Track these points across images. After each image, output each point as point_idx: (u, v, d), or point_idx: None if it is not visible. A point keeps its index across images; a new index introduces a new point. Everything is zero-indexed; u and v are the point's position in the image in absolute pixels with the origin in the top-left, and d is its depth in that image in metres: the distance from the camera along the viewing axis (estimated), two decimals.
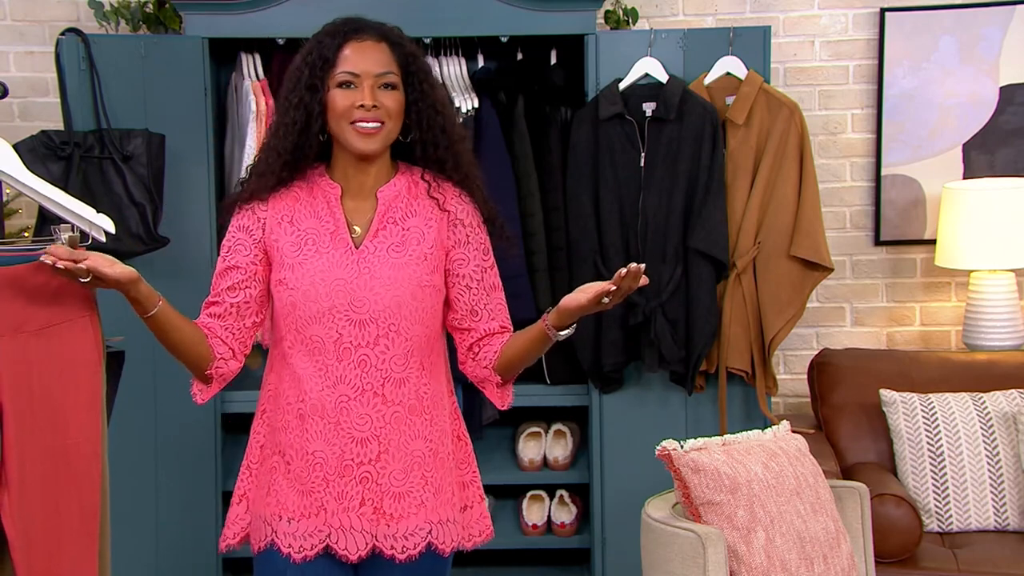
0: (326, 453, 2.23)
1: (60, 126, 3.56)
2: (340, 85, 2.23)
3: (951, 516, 3.51)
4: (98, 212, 2.41)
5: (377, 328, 2.23)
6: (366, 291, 2.22)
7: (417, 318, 2.26)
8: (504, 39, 3.74)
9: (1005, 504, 3.50)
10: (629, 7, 4.06)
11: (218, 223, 2.36)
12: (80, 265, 2.05)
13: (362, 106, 2.20)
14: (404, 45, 2.28)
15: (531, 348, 2.30)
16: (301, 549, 2.23)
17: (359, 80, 2.22)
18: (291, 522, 2.24)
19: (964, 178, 4.16)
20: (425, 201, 2.31)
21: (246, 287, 2.29)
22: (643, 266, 2.13)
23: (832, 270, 3.69)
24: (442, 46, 3.86)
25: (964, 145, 4.18)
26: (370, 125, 2.22)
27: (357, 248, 2.26)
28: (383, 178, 2.31)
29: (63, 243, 2.12)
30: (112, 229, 2.38)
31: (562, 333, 2.23)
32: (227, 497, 3.38)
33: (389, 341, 2.23)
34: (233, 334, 2.30)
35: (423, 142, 2.30)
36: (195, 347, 2.26)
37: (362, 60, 2.23)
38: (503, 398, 2.40)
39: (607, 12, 4.03)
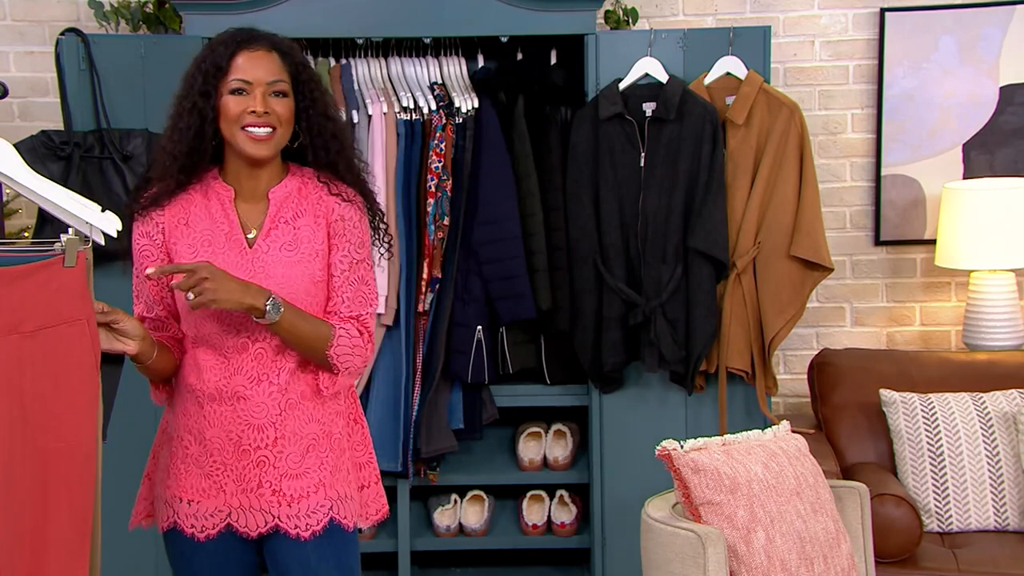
0: (223, 439, 2.35)
1: (60, 126, 3.57)
2: (232, 92, 2.33)
3: (951, 516, 3.50)
4: (102, 210, 2.39)
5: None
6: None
7: (311, 312, 2.37)
8: (504, 39, 3.74)
9: (1005, 504, 3.50)
10: (629, 7, 4.06)
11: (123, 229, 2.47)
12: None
13: (253, 112, 2.32)
14: (294, 55, 2.40)
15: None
16: (203, 528, 2.37)
17: (251, 87, 2.33)
18: (191, 503, 2.38)
19: (964, 178, 4.16)
20: (314, 201, 2.41)
21: (163, 296, 2.42)
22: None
23: (832, 270, 3.69)
24: (442, 46, 3.86)
25: (964, 145, 4.18)
26: (261, 131, 2.33)
27: (251, 248, 2.37)
28: (275, 180, 2.42)
29: (63, 246, 2.11)
30: (117, 228, 2.35)
31: (260, 321, 2.30)
32: None
33: None
34: (178, 339, 2.46)
35: (314, 147, 2.41)
36: (171, 368, 2.43)
37: (253, 68, 2.34)
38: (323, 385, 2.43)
39: (607, 12, 4.04)
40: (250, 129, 2.32)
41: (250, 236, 2.38)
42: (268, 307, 2.26)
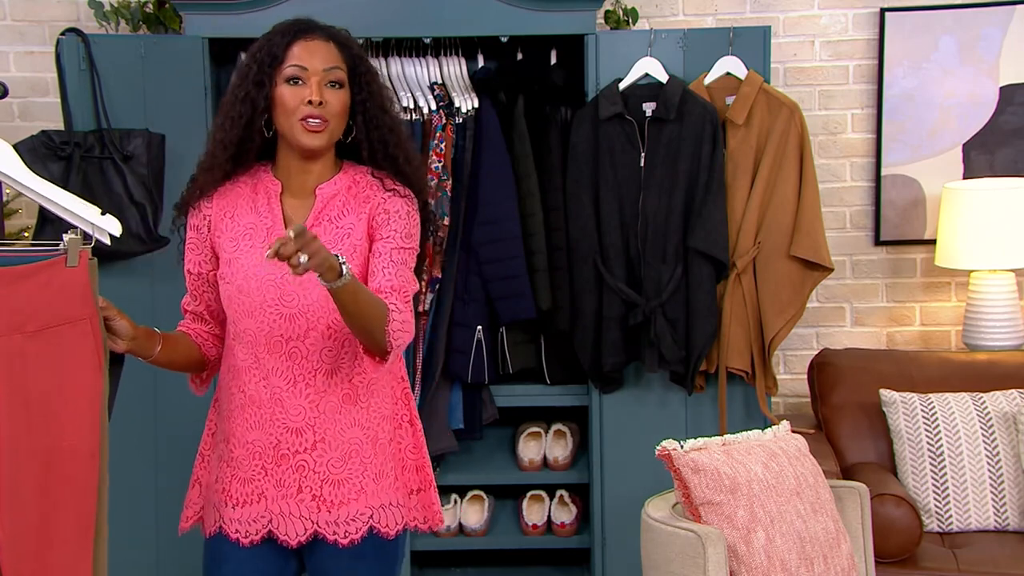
0: (263, 442, 2.32)
1: (60, 126, 3.56)
2: (288, 81, 2.29)
3: (951, 516, 3.51)
4: (102, 213, 2.40)
5: (307, 321, 2.28)
6: (295, 286, 2.27)
7: None
8: (504, 39, 3.73)
9: (1005, 504, 3.50)
10: (629, 7, 4.06)
11: (172, 224, 2.47)
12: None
13: (310, 102, 2.27)
14: (351, 47, 2.35)
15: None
16: (247, 534, 2.33)
17: (307, 75, 2.29)
18: (235, 508, 2.34)
19: (964, 178, 4.16)
20: (363, 199, 2.35)
21: (204, 291, 2.42)
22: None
23: (832, 270, 3.69)
24: (442, 46, 3.86)
25: (964, 145, 4.18)
26: (316, 122, 2.28)
27: None
28: (325, 176, 2.37)
29: (66, 246, 2.11)
30: (118, 231, 2.35)
31: (333, 285, 2.12)
32: None
33: (318, 333, 2.29)
34: (216, 335, 2.45)
35: (370, 141, 2.36)
36: (191, 361, 2.43)
37: (310, 56, 2.30)
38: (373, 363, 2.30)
39: (607, 12, 4.03)
40: (308, 121, 2.27)
41: None
42: (342, 263, 2.10)
